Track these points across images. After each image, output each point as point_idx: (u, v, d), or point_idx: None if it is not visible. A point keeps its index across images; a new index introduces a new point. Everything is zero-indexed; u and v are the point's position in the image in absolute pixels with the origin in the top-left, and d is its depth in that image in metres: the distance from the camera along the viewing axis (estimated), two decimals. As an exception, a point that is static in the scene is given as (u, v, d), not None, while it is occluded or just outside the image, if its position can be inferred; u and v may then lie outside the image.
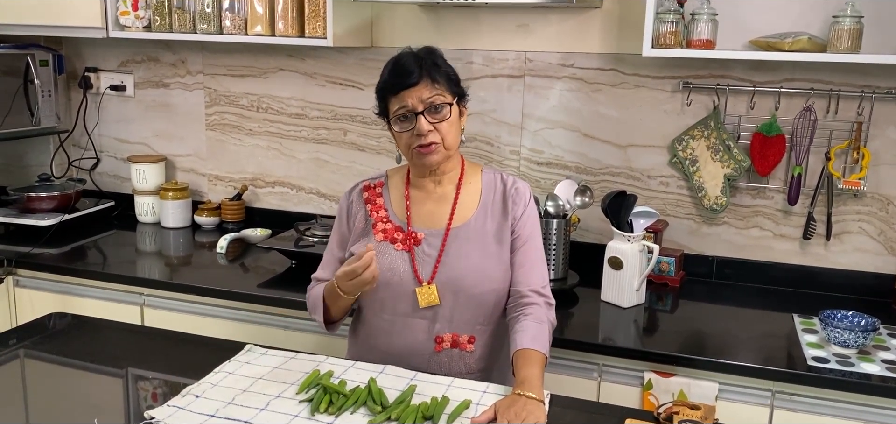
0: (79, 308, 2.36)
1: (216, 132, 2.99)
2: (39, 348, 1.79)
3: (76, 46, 3.11)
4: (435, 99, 1.59)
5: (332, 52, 2.74)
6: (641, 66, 2.41)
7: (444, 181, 1.71)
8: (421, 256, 1.66)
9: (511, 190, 1.71)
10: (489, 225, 1.68)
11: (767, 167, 2.29)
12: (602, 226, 2.49)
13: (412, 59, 1.60)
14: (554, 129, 2.55)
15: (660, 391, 1.91)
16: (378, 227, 1.70)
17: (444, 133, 1.60)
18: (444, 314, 1.65)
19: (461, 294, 1.63)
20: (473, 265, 1.64)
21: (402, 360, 1.63)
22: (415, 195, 1.72)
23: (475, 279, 1.63)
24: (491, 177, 1.74)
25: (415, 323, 1.65)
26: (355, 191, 1.77)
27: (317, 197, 2.91)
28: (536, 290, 1.66)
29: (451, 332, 1.65)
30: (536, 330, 1.59)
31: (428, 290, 1.63)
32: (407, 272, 1.65)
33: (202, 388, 1.49)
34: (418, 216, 1.70)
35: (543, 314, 1.63)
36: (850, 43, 2.04)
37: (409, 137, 1.61)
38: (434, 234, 1.67)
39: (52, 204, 2.83)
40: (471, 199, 1.71)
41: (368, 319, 1.73)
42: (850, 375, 1.78)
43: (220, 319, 2.31)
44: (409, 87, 1.58)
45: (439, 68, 1.62)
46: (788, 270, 2.40)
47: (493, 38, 2.55)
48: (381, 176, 1.79)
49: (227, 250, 2.63)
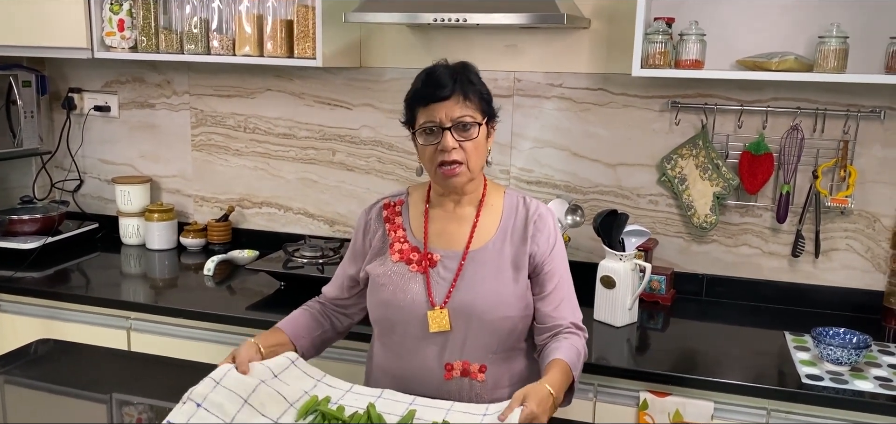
0: (63, 333, 2.31)
1: (202, 153, 2.97)
2: (21, 374, 1.74)
3: (59, 67, 3.07)
4: (464, 118, 1.55)
5: (321, 72, 2.73)
6: (630, 86, 2.43)
7: (465, 202, 1.66)
8: (436, 278, 1.61)
9: (533, 215, 1.65)
10: (507, 250, 1.63)
11: (756, 186, 2.31)
12: (592, 245, 2.49)
13: (446, 72, 1.56)
14: (543, 148, 2.56)
15: (655, 410, 1.90)
16: (395, 247, 1.66)
17: (469, 153, 1.56)
18: (455, 340, 1.59)
19: (473, 320, 1.58)
20: (488, 289, 1.59)
21: (412, 385, 1.58)
22: (434, 214, 1.68)
23: (488, 305, 1.58)
24: (513, 200, 1.69)
25: (425, 348, 1.60)
26: (375, 209, 1.73)
27: (305, 217, 2.89)
28: (576, 324, 1.63)
29: (461, 359, 1.59)
30: (573, 350, 1.56)
31: (439, 314, 1.58)
32: (420, 293, 1.60)
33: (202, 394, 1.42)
34: (436, 237, 1.66)
35: (580, 344, 1.60)
36: (836, 63, 2.06)
37: (433, 152, 1.56)
38: (451, 256, 1.63)
39: (35, 227, 2.78)
40: (491, 221, 1.66)
41: (380, 339, 1.70)
42: (844, 392, 1.79)
43: (209, 343, 2.27)
44: (439, 100, 1.54)
45: (473, 85, 1.57)
46: (777, 287, 2.42)
47: (482, 58, 2.55)
48: (401, 194, 1.75)
49: (215, 273, 2.60)
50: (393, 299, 1.62)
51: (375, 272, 1.67)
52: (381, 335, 1.69)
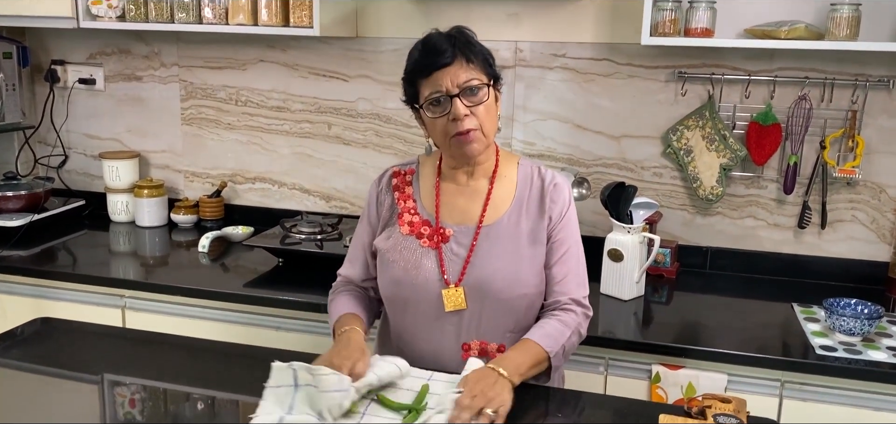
0: (56, 313, 2.22)
1: (192, 127, 2.88)
2: (11, 355, 1.66)
3: (41, 38, 2.95)
4: (471, 81, 1.48)
5: (315, 42, 2.65)
6: (635, 55, 2.38)
7: (478, 173, 1.60)
8: (448, 254, 1.55)
9: (549, 186, 1.59)
10: (524, 224, 1.57)
11: (764, 157, 2.29)
12: (596, 219, 2.46)
13: (443, 38, 1.49)
14: (546, 120, 2.51)
15: (668, 384, 1.88)
16: (404, 218, 1.60)
17: (481, 118, 1.49)
18: (471, 319, 1.54)
19: (490, 298, 1.53)
20: (504, 267, 1.53)
21: (428, 366, 1.52)
22: (445, 188, 1.61)
23: (505, 283, 1.53)
24: (528, 170, 1.62)
25: (441, 327, 1.55)
26: (384, 178, 1.67)
27: (300, 193, 2.82)
28: (577, 300, 1.57)
29: (478, 339, 1.55)
30: (554, 330, 1.52)
31: (455, 293, 1.52)
32: (433, 271, 1.54)
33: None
34: (448, 211, 1.59)
35: (572, 321, 1.55)
36: (848, 31, 2.04)
37: (445, 123, 1.49)
38: (463, 231, 1.57)
39: (20, 204, 2.68)
40: (505, 194, 1.60)
41: (393, 319, 1.64)
42: (858, 363, 1.77)
43: (208, 321, 2.21)
44: (442, 67, 1.46)
45: (473, 47, 1.50)
46: (781, 259, 2.40)
47: (483, 28, 2.47)
48: (412, 162, 1.69)
49: (209, 249, 2.52)
50: (405, 277, 1.56)
51: (383, 246, 1.61)
52: (394, 313, 1.63)
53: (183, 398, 1.52)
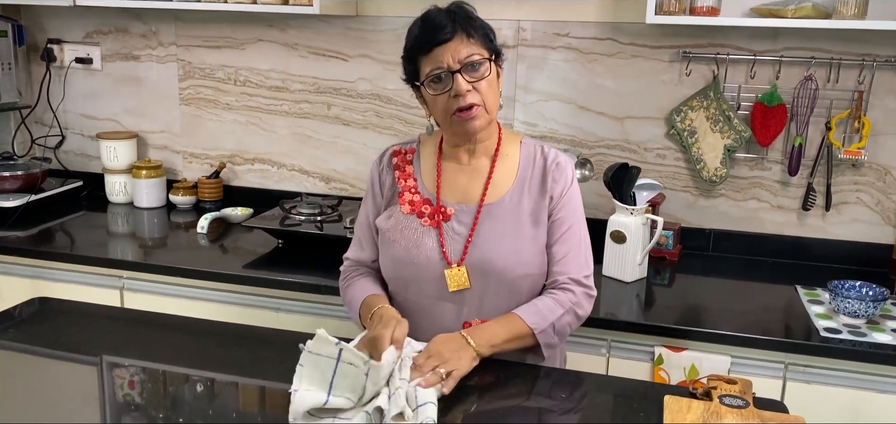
0: (52, 294, 2.20)
1: (191, 107, 2.85)
2: (5, 336, 1.64)
3: (36, 16, 2.92)
4: (472, 57, 1.45)
5: (315, 20, 2.61)
6: (639, 35, 2.35)
7: (479, 152, 1.58)
8: (450, 233, 1.54)
9: (551, 165, 1.57)
10: (526, 203, 1.55)
11: (769, 138, 2.26)
12: (598, 200, 2.44)
13: (443, 13, 1.47)
14: (548, 101, 2.48)
15: (671, 365, 1.87)
16: (405, 197, 1.58)
17: (484, 93, 1.47)
18: (472, 299, 1.53)
19: (492, 278, 1.51)
20: (506, 246, 1.52)
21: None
22: (446, 167, 1.60)
23: (508, 263, 1.51)
24: (530, 149, 1.60)
25: (442, 307, 1.54)
26: (385, 156, 1.65)
27: (299, 174, 2.79)
28: (577, 280, 1.55)
29: (480, 318, 1.53)
30: (545, 307, 1.50)
31: (458, 273, 1.51)
32: (434, 250, 1.53)
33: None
34: (449, 189, 1.58)
35: (567, 300, 1.53)
36: (856, 9, 2.01)
37: (447, 101, 1.47)
38: (465, 210, 1.55)
39: (17, 184, 2.66)
40: (507, 173, 1.58)
41: (395, 297, 1.62)
42: (862, 345, 1.76)
43: (206, 302, 2.19)
44: (442, 43, 1.44)
45: (473, 21, 1.48)
46: (784, 241, 2.39)
47: (486, 6, 2.41)
48: (413, 141, 1.67)
49: (208, 230, 2.50)
50: (406, 256, 1.55)
51: (384, 225, 1.60)
52: (396, 292, 1.62)
53: (182, 379, 1.50)
